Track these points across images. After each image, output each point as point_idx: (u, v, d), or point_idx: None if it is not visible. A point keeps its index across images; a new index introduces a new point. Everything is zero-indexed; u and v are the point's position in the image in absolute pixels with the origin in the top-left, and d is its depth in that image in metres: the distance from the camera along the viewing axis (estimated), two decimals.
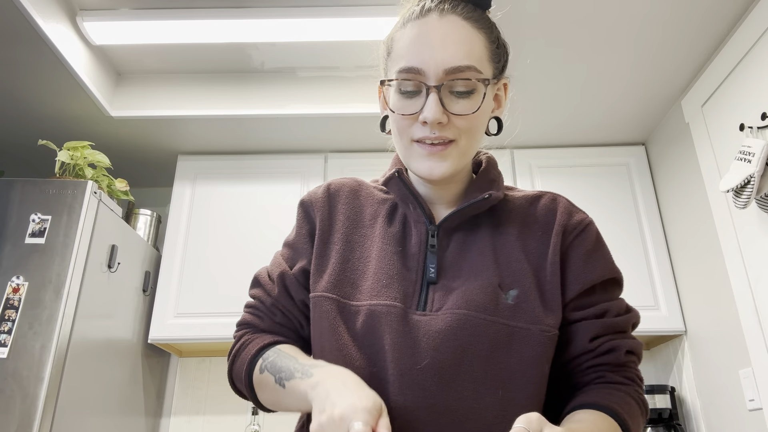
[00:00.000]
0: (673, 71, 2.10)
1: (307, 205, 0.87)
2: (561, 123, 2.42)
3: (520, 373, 0.71)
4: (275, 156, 2.60)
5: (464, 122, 0.75)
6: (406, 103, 0.76)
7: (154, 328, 2.26)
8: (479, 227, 0.80)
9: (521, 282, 0.75)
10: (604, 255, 0.80)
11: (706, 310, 2.10)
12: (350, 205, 0.85)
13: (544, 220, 0.81)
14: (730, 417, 1.96)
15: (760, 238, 1.76)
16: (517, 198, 0.84)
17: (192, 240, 2.42)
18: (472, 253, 0.77)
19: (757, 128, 1.74)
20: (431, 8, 0.77)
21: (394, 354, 0.71)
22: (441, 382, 0.69)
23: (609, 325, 0.76)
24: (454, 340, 0.70)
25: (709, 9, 1.81)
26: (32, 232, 1.83)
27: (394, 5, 1.96)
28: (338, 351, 0.74)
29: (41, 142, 2.15)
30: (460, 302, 0.72)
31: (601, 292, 0.78)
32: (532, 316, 0.73)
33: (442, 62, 0.73)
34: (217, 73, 2.41)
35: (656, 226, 2.41)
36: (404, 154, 0.79)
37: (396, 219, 0.83)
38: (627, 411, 0.71)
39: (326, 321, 0.76)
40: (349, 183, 0.89)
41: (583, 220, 0.82)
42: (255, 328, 0.84)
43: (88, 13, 2.04)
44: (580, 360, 0.76)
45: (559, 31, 1.90)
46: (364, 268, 0.79)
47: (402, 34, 0.78)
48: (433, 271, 0.76)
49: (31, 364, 1.68)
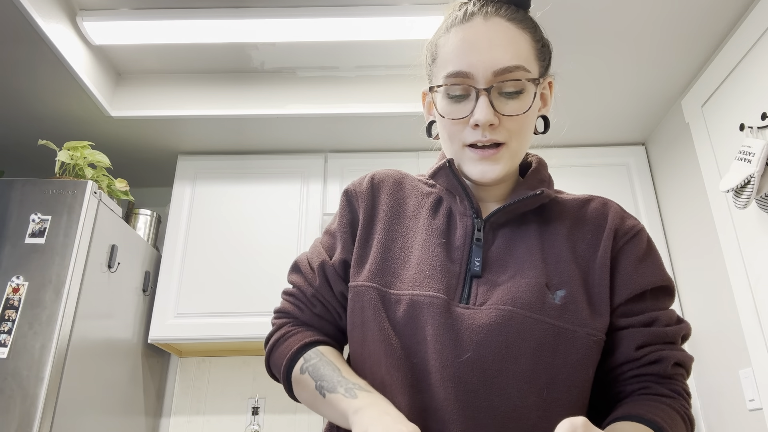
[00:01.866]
0: (673, 71, 2.10)
1: (350, 195, 0.86)
2: (561, 123, 2.42)
3: (565, 375, 0.70)
4: (275, 156, 2.60)
5: (515, 123, 0.75)
6: (456, 108, 0.76)
7: (154, 328, 2.26)
8: (527, 225, 0.79)
9: (569, 283, 0.73)
10: (655, 262, 0.78)
11: (706, 310, 2.10)
12: (394, 197, 0.85)
13: (595, 223, 0.79)
14: (730, 417, 1.96)
15: (760, 238, 1.76)
16: (567, 200, 0.83)
17: (192, 240, 2.42)
18: (519, 249, 0.76)
19: (757, 128, 1.74)
20: (475, 12, 0.77)
21: (436, 345, 0.70)
22: (484, 378, 0.68)
23: (657, 334, 0.74)
24: (498, 335, 0.69)
25: (709, 9, 1.81)
26: (32, 232, 1.83)
27: (394, 5, 1.96)
28: (381, 341, 0.73)
29: (41, 142, 2.15)
30: (506, 298, 0.71)
31: (651, 300, 0.76)
32: (579, 318, 0.71)
33: (491, 64, 0.73)
34: (217, 73, 2.41)
35: (656, 226, 2.40)
36: (456, 157, 0.79)
37: (440, 212, 0.82)
38: (671, 425, 0.68)
39: (369, 310, 0.75)
40: (393, 174, 0.88)
41: (635, 225, 0.80)
42: (295, 319, 0.84)
43: (88, 13, 2.04)
44: (624, 368, 0.74)
45: (558, 31, 1.90)
46: (406, 258, 0.78)
47: (447, 39, 0.78)
48: (478, 264, 0.75)
49: (31, 364, 1.68)
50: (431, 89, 0.80)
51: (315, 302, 0.83)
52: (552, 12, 1.82)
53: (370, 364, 0.75)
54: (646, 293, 0.75)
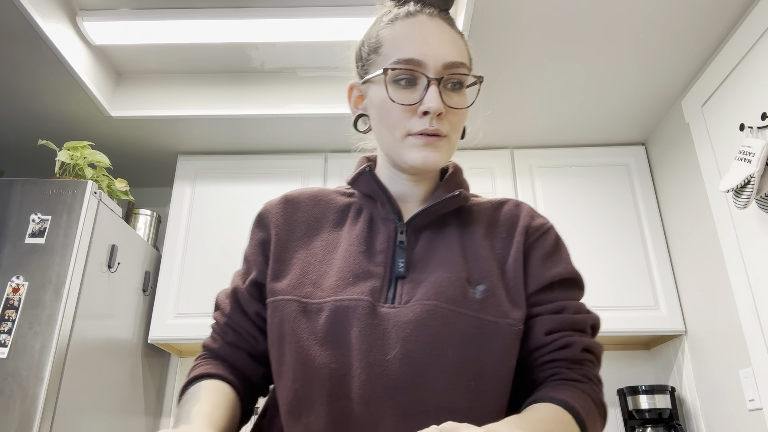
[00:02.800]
0: (673, 71, 2.10)
1: (261, 216, 0.86)
2: (561, 123, 2.42)
3: (491, 366, 0.71)
4: (275, 156, 2.60)
5: (457, 117, 0.77)
6: (404, 95, 0.76)
7: (154, 328, 2.26)
8: (447, 226, 0.81)
9: (488, 278, 0.76)
10: (563, 256, 0.82)
11: (706, 310, 2.10)
12: (310, 212, 0.85)
13: (508, 223, 0.83)
14: (730, 417, 1.96)
15: (760, 238, 1.76)
16: (483, 203, 0.86)
17: (192, 240, 2.42)
18: (440, 249, 0.78)
19: (757, 128, 1.74)
20: (418, 11, 0.80)
21: (362, 346, 0.70)
22: (412, 373, 0.69)
23: (566, 321, 0.76)
24: (425, 330, 0.70)
25: (709, 9, 1.81)
26: (32, 232, 1.83)
27: None
28: (297, 354, 0.72)
29: (41, 142, 2.15)
30: (430, 294, 0.72)
31: (559, 291, 0.79)
32: (499, 310, 0.73)
33: (441, 57, 0.75)
34: (217, 73, 2.41)
35: (656, 226, 2.41)
36: (394, 146, 0.78)
37: (361, 220, 0.82)
38: (582, 406, 0.70)
39: (287, 323, 0.74)
40: (308, 191, 0.89)
41: (545, 224, 0.84)
42: (210, 352, 0.84)
43: (88, 13, 2.04)
44: (536, 354, 0.76)
45: (559, 31, 1.90)
46: (327, 269, 0.77)
47: (392, 31, 0.79)
48: (402, 266, 0.76)
49: (31, 364, 1.68)
50: (365, 82, 0.81)
51: (227, 330, 0.83)
52: (552, 12, 1.82)
53: (285, 380, 0.74)
54: (554, 284, 0.79)
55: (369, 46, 0.83)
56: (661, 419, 2.18)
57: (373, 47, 0.81)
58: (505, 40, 1.94)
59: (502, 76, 2.12)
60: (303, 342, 0.72)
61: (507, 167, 2.54)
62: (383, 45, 0.79)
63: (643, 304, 2.27)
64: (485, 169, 2.54)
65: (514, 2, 1.78)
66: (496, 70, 2.09)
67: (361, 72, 0.85)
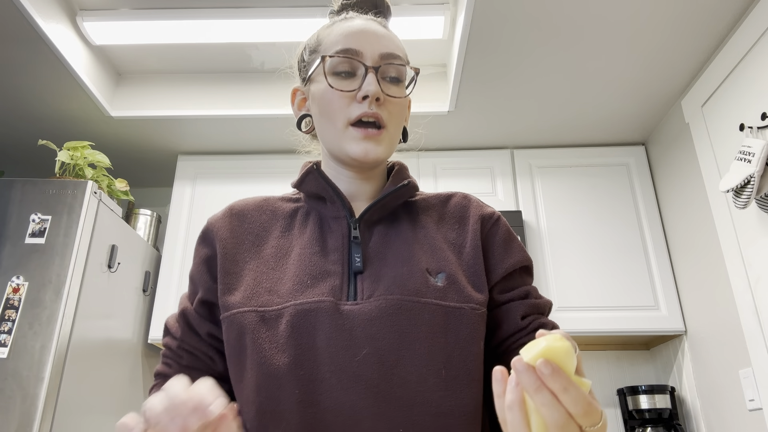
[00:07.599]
0: (673, 71, 2.10)
1: (204, 231, 0.84)
2: (561, 123, 2.42)
3: (459, 352, 0.72)
4: (275, 156, 2.60)
5: (395, 107, 0.79)
6: (343, 83, 0.78)
7: (154, 328, 2.26)
8: (399, 220, 0.82)
9: (447, 266, 0.77)
10: (519, 244, 0.84)
11: (706, 310, 2.10)
12: (257, 222, 0.84)
13: (459, 214, 0.84)
14: (730, 417, 1.96)
15: (760, 238, 1.77)
16: (431, 197, 0.88)
17: (192, 240, 2.42)
18: (395, 242, 0.79)
19: (757, 128, 1.74)
20: (357, 15, 0.84)
21: (330, 349, 0.69)
22: (382, 371, 0.68)
23: (534, 305, 0.79)
24: (392, 325, 0.70)
25: (709, 9, 1.81)
26: (32, 232, 1.83)
27: (394, 5, 1.96)
28: (259, 365, 0.70)
29: (41, 142, 2.15)
30: (392, 287, 0.72)
31: (520, 277, 0.82)
32: (462, 295, 0.74)
33: (378, 47, 0.78)
34: (217, 73, 2.41)
35: (656, 226, 2.41)
36: (337, 138, 0.79)
37: (310, 222, 0.82)
38: None
39: (247, 335, 0.72)
40: (253, 200, 0.88)
41: (495, 212, 0.86)
42: (165, 377, 0.80)
43: (88, 13, 2.04)
44: (514, 338, 0.78)
45: (559, 31, 1.90)
46: (281, 276, 0.76)
47: (331, 30, 0.82)
48: (359, 261, 0.76)
49: (31, 364, 1.68)
50: (307, 80, 0.83)
51: (182, 354, 0.81)
52: (552, 12, 1.82)
53: (247, 394, 0.72)
54: (515, 271, 0.81)
55: (309, 48, 0.85)
56: (661, 419, 2.18)
57: (313, 48, 0.84)
58: (505, 40, 1.94)
59: (502, 76, 2.12)
60: (265, 352, 0.70)
61: (507, 167, 2.54)
62: (322, 43, 0.82)
63: (643, 304, 2.27)
64: (485, 169, 2.54)
65: (514, 2, 1.78)
66: (496, 70, 2.09)
67: (303, 74, 0.87)
